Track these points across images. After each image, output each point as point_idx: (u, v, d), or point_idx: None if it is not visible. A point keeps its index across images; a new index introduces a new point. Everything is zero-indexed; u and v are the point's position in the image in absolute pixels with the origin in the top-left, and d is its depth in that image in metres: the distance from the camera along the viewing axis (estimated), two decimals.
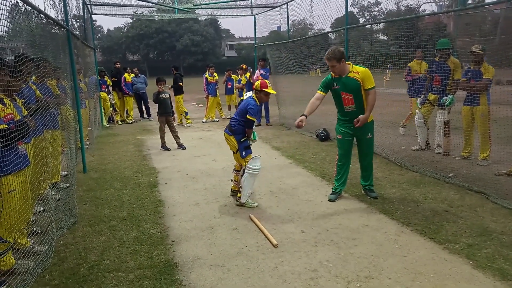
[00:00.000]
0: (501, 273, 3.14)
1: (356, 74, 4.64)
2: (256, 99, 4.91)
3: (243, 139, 4.88)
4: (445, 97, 6.50)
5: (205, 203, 5.03)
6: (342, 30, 8.36)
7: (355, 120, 4.69)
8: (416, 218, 4.30)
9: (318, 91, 4.83)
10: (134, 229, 4.22)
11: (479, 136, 6.26)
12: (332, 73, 4.76)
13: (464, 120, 6.41)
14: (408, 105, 8.38)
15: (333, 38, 13.62)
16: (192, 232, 4.14)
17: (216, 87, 12.23)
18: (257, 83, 4.92)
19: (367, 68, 4.73)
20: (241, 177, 4.86)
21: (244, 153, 4.85)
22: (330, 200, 4.96)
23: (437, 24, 12.97)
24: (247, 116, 4.79)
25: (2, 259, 3.22)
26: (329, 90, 4.83)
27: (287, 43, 11.19)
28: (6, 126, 3.11)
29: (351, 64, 4.73)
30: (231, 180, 5.33)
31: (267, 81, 4.99)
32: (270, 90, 4.89)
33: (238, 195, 4.94)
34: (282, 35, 21.46)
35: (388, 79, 18.04)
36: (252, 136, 4.97)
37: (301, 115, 4.65)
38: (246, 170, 4.80)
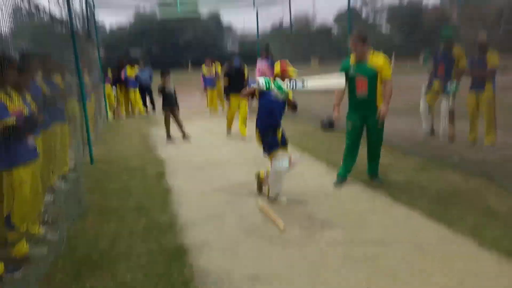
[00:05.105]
0: (508, 253, 3.17)
1: (375, 61, 4.68)
2: (271, 81, 4.32)
3: (265, 134, 4.52)
4: (449, 84, 6.51)
5: (212, 192, 5.08)
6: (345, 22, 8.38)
7: (377, 113, 4.70)
8: (422, 202, 4.32)
9: None
10: (143, 218, 4.27)
11: (484, 122, 6.27)
12: (351, 57, 4.80)
13: (469, 106, 6.41)
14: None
15: (335, 33, 13.61)
16: (200, 219, 4.19)
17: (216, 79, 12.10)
18: (278, 69, 4.53)
19: (386, 58, 4.75)
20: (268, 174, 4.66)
21: (267, 149, 4.55)
22: (336, 185, 5.00)
23: (441, 14, 12.90)
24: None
25: (16, 247, 3.29)
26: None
27: (290, 36, 11.18)
28: (15, 120, 3.17)
29: (372, 51, 4.76)
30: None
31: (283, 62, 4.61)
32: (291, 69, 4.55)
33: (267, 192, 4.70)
34: (284, 29, 21.44)
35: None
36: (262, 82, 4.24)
37: (334, 108, 4.96)
38: (272, 167, 4.54)
